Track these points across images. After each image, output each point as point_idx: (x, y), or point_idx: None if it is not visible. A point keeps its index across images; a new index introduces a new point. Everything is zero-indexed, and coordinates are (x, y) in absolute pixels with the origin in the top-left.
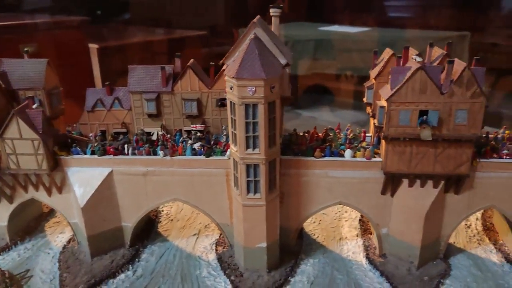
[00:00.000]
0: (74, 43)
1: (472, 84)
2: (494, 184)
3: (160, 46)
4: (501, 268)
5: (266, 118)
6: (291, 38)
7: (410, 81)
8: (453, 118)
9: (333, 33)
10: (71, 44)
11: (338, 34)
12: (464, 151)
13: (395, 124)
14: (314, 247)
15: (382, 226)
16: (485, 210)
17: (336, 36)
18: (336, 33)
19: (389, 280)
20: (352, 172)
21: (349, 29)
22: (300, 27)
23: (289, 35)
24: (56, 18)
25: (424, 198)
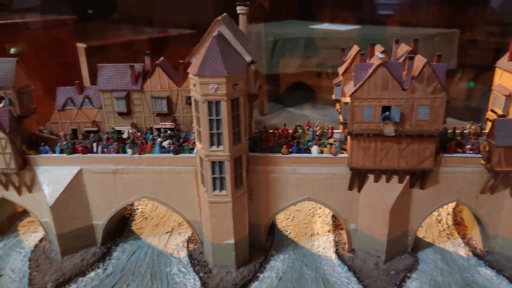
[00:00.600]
0: (62, 42)
1: (433, 80)
2: (458, 178)
3: (148, 45)
4: (467, 262)
5: (230, 115)
6: (281, 37)
7: (372, 77)
8: (415, 114)
9: (323, 31)
10: (58, 43)
11: (328, 32)
12: (427, 146)
13: (358, 120)
14: (286, 243)
15: (350, 221)
16: (456, 205)
17: (326, 34)
18: (326, 31)
19: (356, 274)
20: (319, 168)
21: (339, 27)
22: (291, 25)
23: (280, 33)
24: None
25: (389, 193)
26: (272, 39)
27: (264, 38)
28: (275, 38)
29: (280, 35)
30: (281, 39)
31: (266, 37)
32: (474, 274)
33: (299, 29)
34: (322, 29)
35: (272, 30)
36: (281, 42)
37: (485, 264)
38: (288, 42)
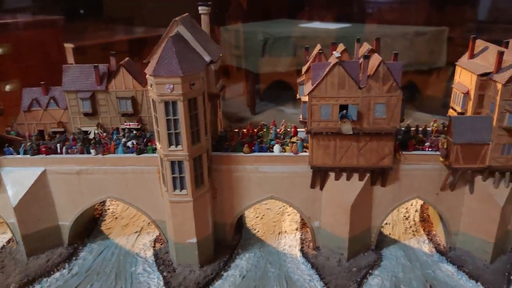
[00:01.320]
0: (49, 42)
1: (388, 78)
2: (418, 175)
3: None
4: (430, 258)
5: (187, 115)
6: (271, 35)
7: (329, 76)
8: (372, 112)
9: (313, 30)
10: (46, 43)
11: (318, 30)
12: (386, 144)
13: (317, 118)
14: (253, 241)
15: (314, 219)
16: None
17: (316, 32)
18: (316, 29)
19: (318, 272)
20: (281, 167)
21: (329, 26)
22: (282, 24)
23: (270, 32)
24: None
25: (349, 191)
26: (262, 38)
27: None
28: (265, 37)
29: (270, 34)
30: (271, 38)
31: (256, 36)
32: (436, 270)
33: (289, 28)
34: (312, 27)
35: (262, 29)
36: (271, 41)
37: (447, 260)
38: (278, 41)
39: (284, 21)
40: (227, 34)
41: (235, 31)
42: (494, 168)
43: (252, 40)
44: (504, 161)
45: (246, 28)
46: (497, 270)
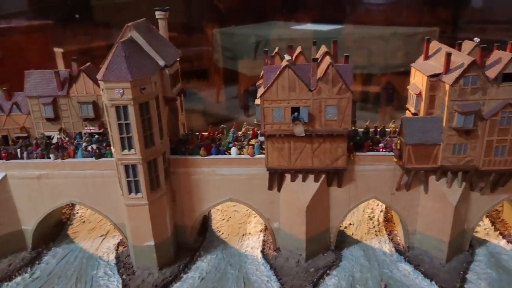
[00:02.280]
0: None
1: (337, 80)
2: (374, 176)
3: None
4: (389, 258)
5: (138, 119)
6: (263, 38)
7: (279, 79)
8: (323, 114)
9: (305, 32)
10: (35, 48)
11: (310, 32)
12: (339, 145)
13: (270, 121)
14: (216, 243)
15: (273, 220)
16: None
17: (308, 34)
18: (308, 31)
19: (276, 273)
20: (238, 169)
21: (321, 27)
22: (274, 26)
23: (262, 34)
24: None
25: (305, 192)
26: (254, 41)
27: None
28: (257, 40)
29: (262, 37)
30: (263, 40)
31: (248, 39)
32: (393, 269)
33: (282, 30)
34: (305, 29)
35: (255, 32)
36: (263, 43)
37: (405, 259)
38: (270, 43)
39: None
40: (219, 36)
41: (227, 34)
42: (446, 168)
43: (245, 42)
44: (455, 161)
45: (239, 31)
46: (453, 268)
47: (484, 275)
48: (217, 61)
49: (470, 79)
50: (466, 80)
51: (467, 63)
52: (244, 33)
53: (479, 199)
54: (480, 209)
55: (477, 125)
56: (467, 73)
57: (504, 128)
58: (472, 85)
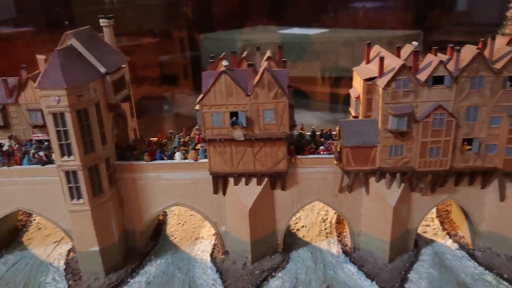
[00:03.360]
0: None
1: (273, 85)
2: (316, 178)
3: None
4: (336, 259)
5: (76, 126)
6: (250, 43)
7: (217, 84)
8: (261, 118)
9: (291, 36)
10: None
11: (297, 36)
12: (279, 149)
13: (210, 126)
14: (168, 247)
15: (220, 224)
16: None
17: (294, 38)
18: (294, 35)
19: (221, 276)
20: (183, 173)
21: (308, 31)
22: (261, 30)
23: (248, 39)
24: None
25: (248, 195)
26: (240, 46)
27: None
28: (243, 45)
29: (247, 41)
30: (248, 45)
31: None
32: (338, 270)
33: (268, 34)
34: (291, 33)
35: (241, 36)
36: (249, 48)
37: (350, 260)
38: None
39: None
40: (206, 42)
41: (214, 39)
42: (384, 169)
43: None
44: (393, 162)
45: (225, 36)
46: (395, 269)
47: (425, 275)
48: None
49: (401, 82)
50: (398, 83)
51: (397, 66)
52: (230, 37)
53: (420, 199)
54: (422, 209)
55: (411, 127)
56: (398, 76)
57: (437, 130)
58: (404, 88)
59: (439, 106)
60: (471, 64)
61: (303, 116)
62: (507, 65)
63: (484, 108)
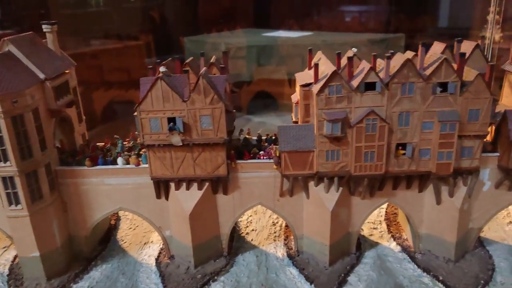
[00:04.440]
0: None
1: (209, 91)
2: (257, 183)
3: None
4: (280, 262)
5: (11, 132)
6: (234, 45)
7: (153, 90)
8: (199, 124)
9: (275, 39)
10: None
11: (281, 39)
12: (218, 154)
13: (148, 131)
14: (115, 252)
15: (165, 228)
16: None
17: (279, 41)
18: (278, 38)
19: (163, 280)
20: (126, 178)
21: (292, 34)
22: (246, 34)
23: (232, 42)
24: None
25: (188, 200)
26: (224, 48)
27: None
28: (226, 48)
29: (232, 44)
30: (232, 48)
31: (218, 47)
32: (280, 274)
33: (252, 37)
34: (275, 36)
35: (225, 40)
36: (233, 51)
37: (293, 263)
38: (239, 51)
39: (249, 30)
40: (190, 45)
41: (198, 42)
42: (322, 173)
43: (215, 50)
44: (330, 167)
45: (209, 39)
46: (335, 271)
47: (365, 277)
48: None
49: (334, 88)
50: (331, 89)
51: (330, 73)
52: (214, 41)
53: (360, 203)
54: (362, 213)
55: (345, 132)
56: (331, 82)
57: (370, 135)
58: (338, 94)
59: (371, 111)
60: (401, 71)
61: (272, 119)
62: (436, 71)
63: (416, 114)
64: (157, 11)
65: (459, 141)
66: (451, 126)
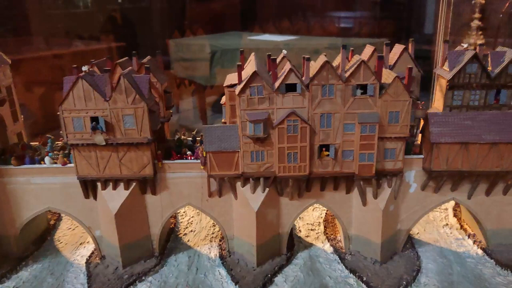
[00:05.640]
0: None
1: (131, 91)
2: (186, 183)
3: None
4: (211, 263)
5: None
6: (219, 48)
7: (74, 89)
8: (122, 123)
9: (261, 42)
10: None
11: (266, 42)
12: (144, 153)
13: (72, 130)
14: (49, 252)
15: (95, 228)
16: None
17: (264, 44)
18: (264, 42)
19: (89, 280)
20: (53, 178)
21: (277, 38)
22: (232, 36)
23: (218, 44)
24: None
25: (115, 199)
26: (209, 51)
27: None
28: (212, 50)
29: (217, 47)
30: (218, 50)
31: (204, 49)
32: (209, 274)
33: (238, 40)
34: (261, 40)
35: (211, 42)
36: (218, 54)
37: (223, 264)
38: (225, 53)
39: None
40: (176, 47)
41: (183, 44)
42: (247, 174)
43: (200, 52)
44: (256, 168)
45: (195, 41)
46: (262, 272)
47: (291, 278)
48: (175, 72)
49: (255, 89)
50: (252, 90)
51: (250, 74)
52: (200, 43)
53: (289, 204)
54: (291, 214)
55: (269, 133)
56: (251, 83)
57: (292, 136)
58: (259, 95)
59: (291, 112)
60: (320, 72)
61: None
62: (354, 73)
63: (337, 115)
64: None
65: (381, 143)
66: (371, 128)
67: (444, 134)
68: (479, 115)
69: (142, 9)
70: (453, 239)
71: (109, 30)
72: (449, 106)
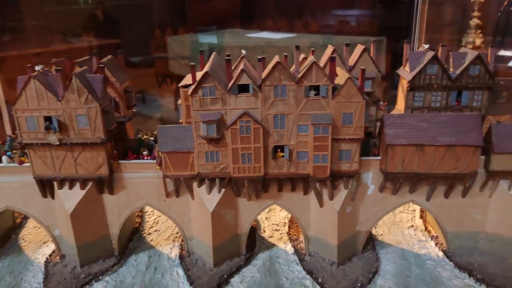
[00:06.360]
0: None
1: (83, 91)
2: (143, 183)
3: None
4: (170, 263)
5: None
6: (218, 45)
7: (27, 89)
8: (76, 123)
9: (259, 40)
10: None
11: (265, 40)
12: (98, 153)
13: (25, 130)
14: (11, 251)
15: (54, 227)
16: None
17: (262, 42)
18: (262, 39)
19: (45, 279)
20: (11, 177)
21: (275, 35)
22: (231, 34)
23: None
24: None
25: (70, 199)
26: (207, 49)
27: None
28: (209, 48)
29: (215, 44)
30: (216, 47)
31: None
32: (166, 275)
33: (236, 38)
34: (259, 37)
35: (208, 40)
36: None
37: (181, 264)
38: (223, 51)
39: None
40: (174, 44)
41: (181, 42)
42: (203, 175)
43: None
44: (211, 168)
45: (192, 38)
46: (219, 272)
47: (248, 278)
48: (173, 69)
49: (208, 90)
50: (205, 91)
51: (202, 74)
52: (196, 40)
53: (246, 205)
54: (249, 214)
55: (223, 133)
56: (203, 84)
57: (245, 137)
58: (212, 96)
59: (244, 113)
60: (272, 73)
61: None
62: (307, 74)
63: (291, 116)
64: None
65: (336, 145)
66: (324, 129)
67: (399, 135)
68: (435, 117)
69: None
70: (416, 240)
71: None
72: (410, 107)
